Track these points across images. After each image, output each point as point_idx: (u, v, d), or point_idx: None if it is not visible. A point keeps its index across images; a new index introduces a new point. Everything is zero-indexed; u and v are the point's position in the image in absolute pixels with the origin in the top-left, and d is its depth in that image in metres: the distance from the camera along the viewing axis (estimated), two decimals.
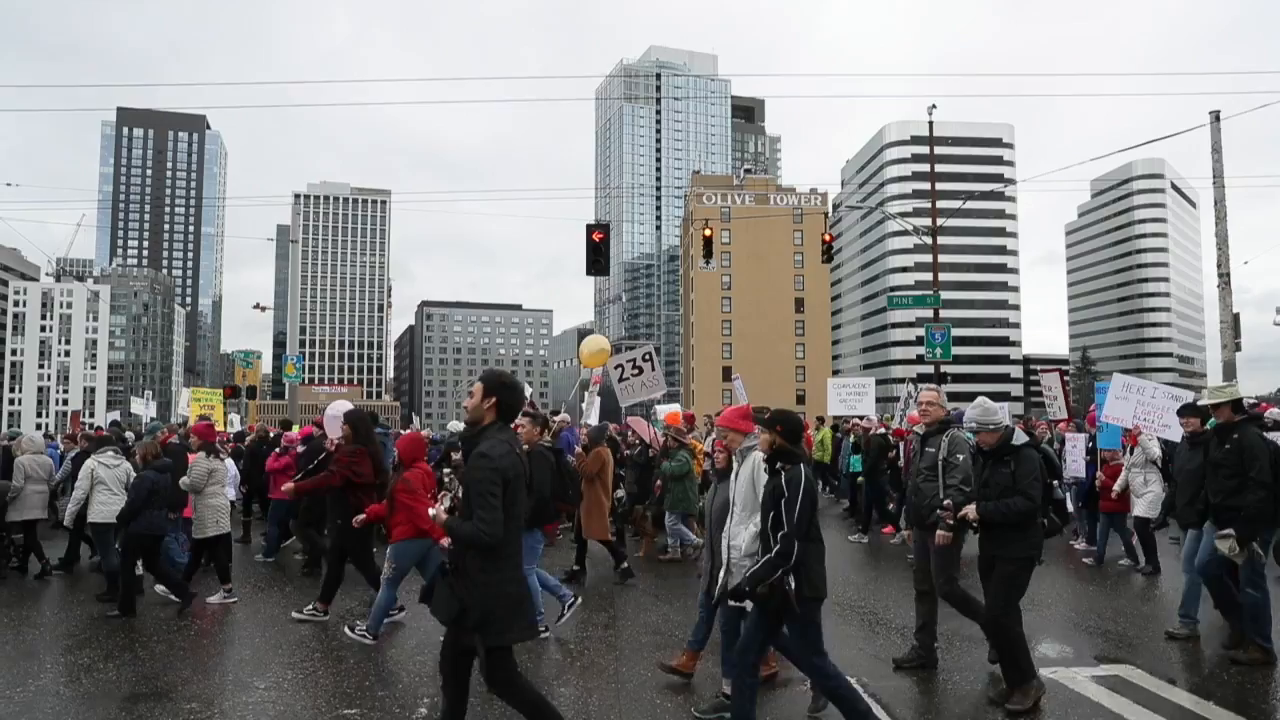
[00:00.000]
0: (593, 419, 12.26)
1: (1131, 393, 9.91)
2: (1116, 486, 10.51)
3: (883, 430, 14.63)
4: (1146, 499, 10.09)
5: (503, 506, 4.00)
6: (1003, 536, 5.62)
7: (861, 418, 16.76)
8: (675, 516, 11.32)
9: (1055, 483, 5.90)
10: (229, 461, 11.14)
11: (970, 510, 5.76)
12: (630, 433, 14.21)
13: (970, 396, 9.11)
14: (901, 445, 13.12)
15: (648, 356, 9.31)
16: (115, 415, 27.64)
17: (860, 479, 14.34)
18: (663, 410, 16.96)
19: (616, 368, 9.21)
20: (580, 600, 7.85)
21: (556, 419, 14.52)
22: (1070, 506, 11.63)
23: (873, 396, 16.94)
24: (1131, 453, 10.40)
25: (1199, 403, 7.64)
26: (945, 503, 6.02)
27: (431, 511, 4.68)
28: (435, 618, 4.21)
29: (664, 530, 11.71)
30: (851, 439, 16.00)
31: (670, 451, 11.46)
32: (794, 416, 5.09)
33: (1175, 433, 8.80)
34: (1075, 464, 11.86)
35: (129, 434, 16.17)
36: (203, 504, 9.06)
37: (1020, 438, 5.77)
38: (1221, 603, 6.95)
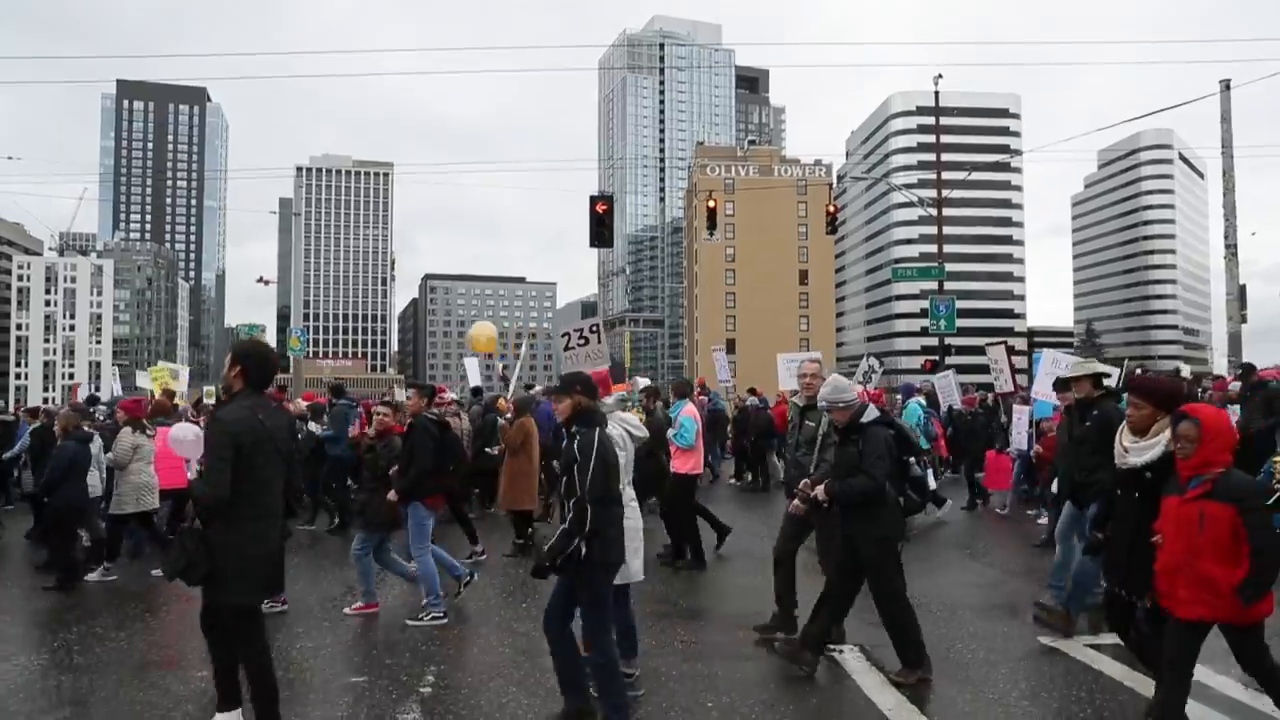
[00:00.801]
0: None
1: (1059, 368, 10.01)
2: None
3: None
4: None
5: (239, 469, 4.18)
6: (857, 516, 5.53)
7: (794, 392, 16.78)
8: None
9: (913, 459, 5.71)
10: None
11: (819, 490, 5.73)
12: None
13: (974, 369, 9.15)
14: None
15: (595, 328, 9.46)
16: (93, 390, 27.62)
17: None
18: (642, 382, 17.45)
19: (563, 335, 9.32)
20: (475, 578, 7.73)
21: (533, 391, 14.60)
22: (933, 483, 11.20)
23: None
24: None
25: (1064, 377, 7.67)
26: (808, 479, 6.06)
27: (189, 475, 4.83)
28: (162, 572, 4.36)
29: None
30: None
31: None
32: (587, 377, 4.98)
33: None
34: (1019, 436, 12.17)
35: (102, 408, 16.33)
36: (125, 480, 8.87)
37: (871, 414, 5.66)
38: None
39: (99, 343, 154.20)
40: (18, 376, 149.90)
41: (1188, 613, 4.07)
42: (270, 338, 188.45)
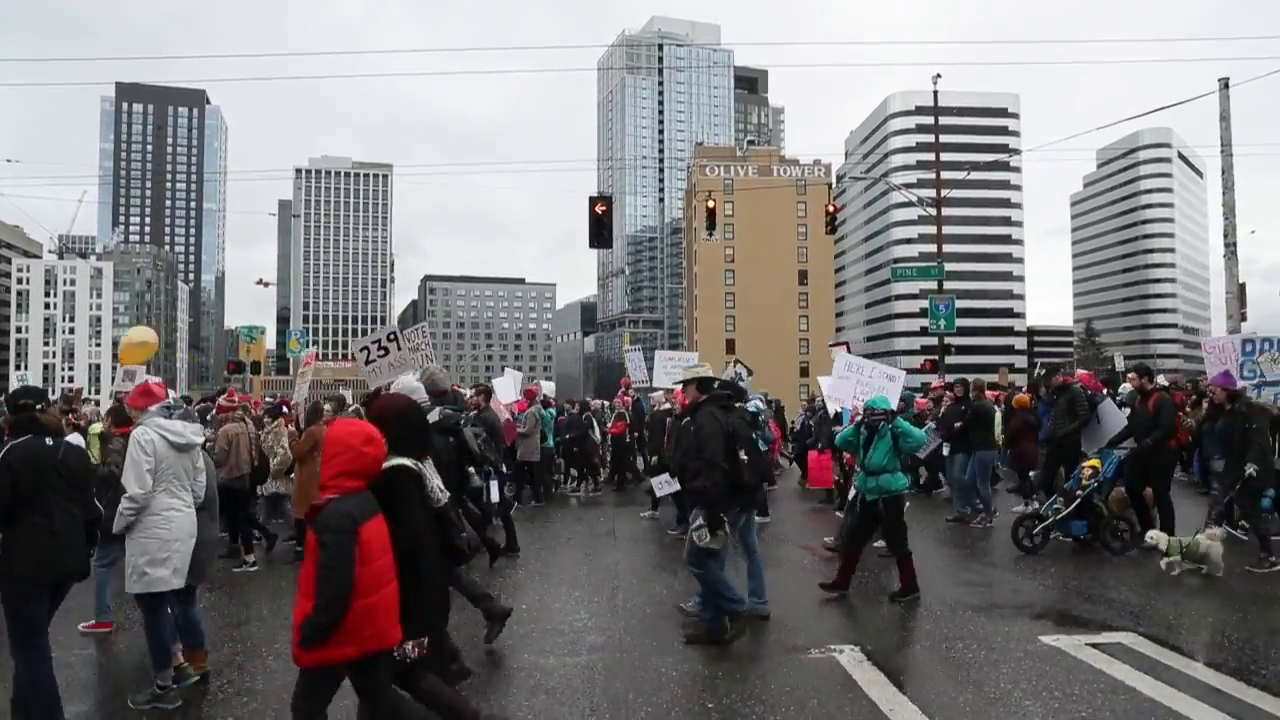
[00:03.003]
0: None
1: (852, 372, 10.05)
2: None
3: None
4: None
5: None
6: None
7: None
8: None
9: (472, 470, 5.45)
10: None
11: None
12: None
13: (973, 369, 9.14)
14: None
15: (392, 336, 9.45)
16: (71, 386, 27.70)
17: None
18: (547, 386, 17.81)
19: (362, 350, 9.29)
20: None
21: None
22: (495, 496, 10.78)
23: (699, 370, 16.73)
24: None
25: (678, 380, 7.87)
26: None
27: None
28: None
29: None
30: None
31: None
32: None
33: None
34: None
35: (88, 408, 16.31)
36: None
37: (434, 420, 5.32)
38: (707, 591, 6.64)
39: (98, 345, 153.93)
40: (19, 380, 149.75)
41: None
42: (270, 339, 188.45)
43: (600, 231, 17.92)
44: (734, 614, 6.43)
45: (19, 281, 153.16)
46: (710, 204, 25.23)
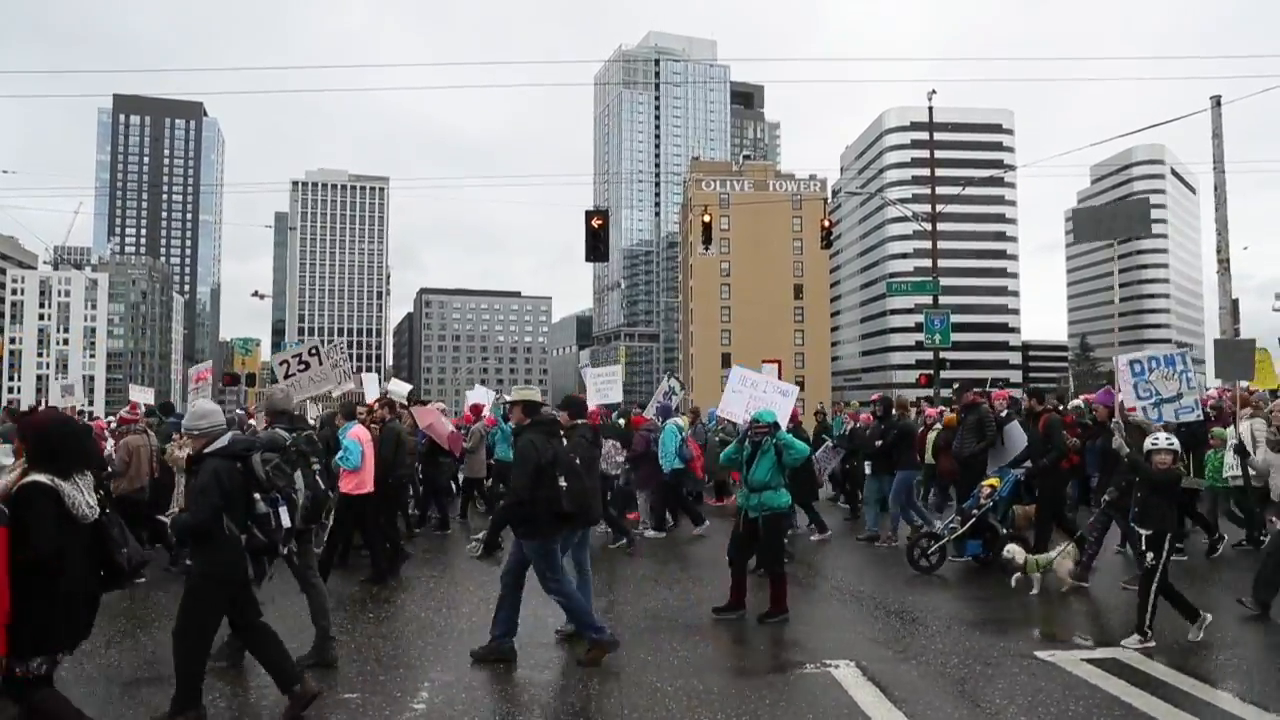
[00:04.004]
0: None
1: (745, 386, 9.98)
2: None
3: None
4: None
5: None
6: (194, 551, 5.24)
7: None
8: None
9: (258, 496, 5.36)
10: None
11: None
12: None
13: (969, 383, 9.16)
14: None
15: (314, 350, 9.45)
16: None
17: None
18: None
19: (281, 364, 9.29)
20: None
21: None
22: (286, 521, 10.57)
23: (620, 383, 16.69)
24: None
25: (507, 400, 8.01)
26: None
27: None
28: None
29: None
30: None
31: None
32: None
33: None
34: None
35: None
36: None
37: (219, 445, 5.09)
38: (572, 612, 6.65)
39: (93, 357, 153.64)
40: (10, 390, 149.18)
41: None
42: (265, 351, 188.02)
43: (596, 245, 17.97)
44: (598, 642, 6.29)
45: (13, 292, 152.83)
46: (706, 218, 25.32)
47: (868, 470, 12.56)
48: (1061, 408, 12.74)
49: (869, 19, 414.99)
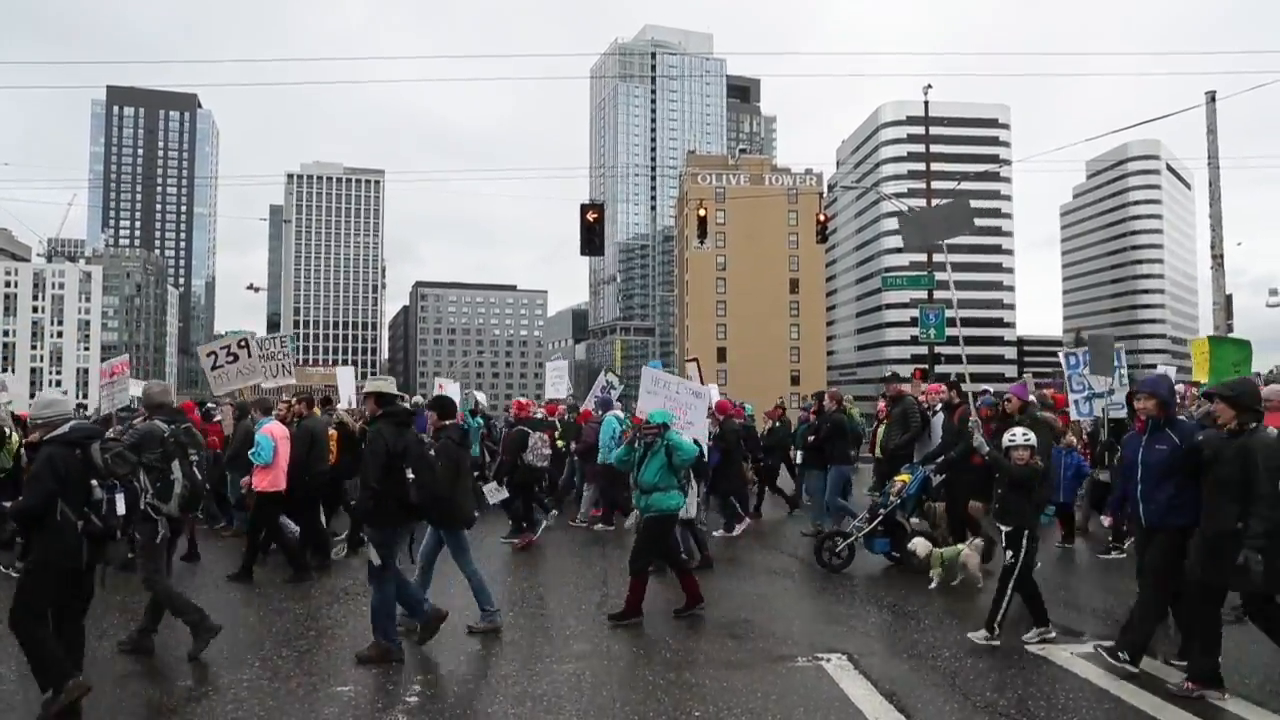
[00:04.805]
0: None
1: (660, 387, 9.81)
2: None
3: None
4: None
5: None
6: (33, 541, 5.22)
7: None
8: None
9: (96, 484, 5.36)
10: None
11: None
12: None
13: (965, 377, 9.14)
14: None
15: (244, 343, 9.40)
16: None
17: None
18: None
19: (209, 355, 9.19)
20: None
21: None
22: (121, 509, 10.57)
23: (567, 378, 16.69)
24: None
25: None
26: None
27: None
28: None
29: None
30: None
31: None
32: None
33: (699, 430, 9.14)
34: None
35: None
36: None
37: (61, 431, 5.11)
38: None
39: (87, 350, 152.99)
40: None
41: None
42: None
43: (592, 239, 17.96)
44: (383, 646, 6.13)
45: (7, 285, 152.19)
46: (701, 212, 25.30)
47: (798, 462, 12.65)
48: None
49: (866, 13, 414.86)
